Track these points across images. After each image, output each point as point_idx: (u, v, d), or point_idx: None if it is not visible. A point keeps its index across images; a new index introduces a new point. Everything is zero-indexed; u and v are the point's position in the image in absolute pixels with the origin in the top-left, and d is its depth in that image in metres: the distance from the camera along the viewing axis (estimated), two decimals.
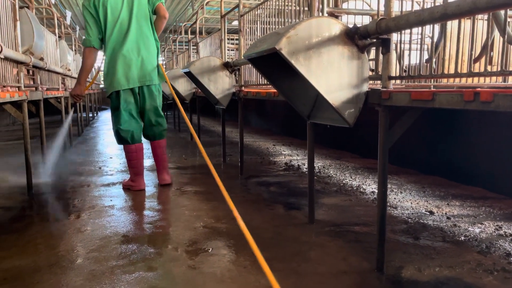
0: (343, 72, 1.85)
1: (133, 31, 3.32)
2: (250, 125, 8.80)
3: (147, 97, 3.43)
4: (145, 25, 3.38)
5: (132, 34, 3.32)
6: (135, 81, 3.35)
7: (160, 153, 3.57)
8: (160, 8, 3.39)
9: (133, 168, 3.46)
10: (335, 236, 2.34)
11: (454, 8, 1.28)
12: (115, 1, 3.31)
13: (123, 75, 3.32)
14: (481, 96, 1.28)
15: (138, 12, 3.35)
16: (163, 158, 3.58)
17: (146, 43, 3.38)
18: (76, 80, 3.53)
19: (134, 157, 3.45)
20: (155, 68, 3.44)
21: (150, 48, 3.40)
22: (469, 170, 3.53)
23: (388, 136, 1.80)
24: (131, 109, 3.42)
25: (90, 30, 3.32)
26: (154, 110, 3.49)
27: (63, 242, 2.28)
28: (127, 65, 3.31)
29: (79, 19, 13.89)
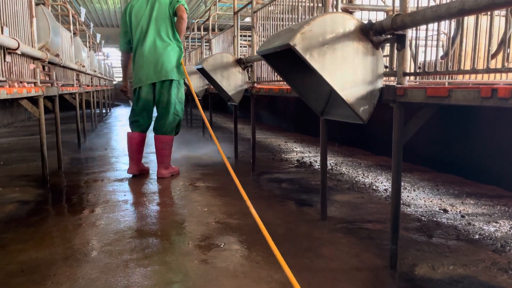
0: (357, 68, 1.84)
1: (151, 33, 3.62)
2: (262, 122, 8.80)
3: (160, 92, 3.69)
4: (163, 26, 3.63)
5: (150, 35, 3.62)
6: (152, 78, 3.65)
7: (158, 147, 3.74)
8: (178, 10, 3.58)
9: (128, 153, 3.84)
10: (348, 233, 2.34)
11: (472, 3, 1.26)
12: (140, 6, 3.67)
13: (142, 74, 3.69)
14: (499, 92, 1.26)
15: (157, 15, 3.61)
16: (160, 153, 3.73)
17: (163, 43, 3.62)
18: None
19: (128, 142, 3.81)
20: (171, 65, 3.64)
21: (167, 48, 3.63)
22: (484, 168, 3.48)
23: (402, 133, 1.78)
24: (144, 104, 3.75)
25: (121, 36, 3.80)
26: (168, 104, 3.69)
27: (78, 235, 2.32)
28: (145, 64, 3.65)
29: (93, 16, 14.04)
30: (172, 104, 3.69)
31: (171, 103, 3.69)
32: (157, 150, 3.75)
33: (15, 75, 2.78)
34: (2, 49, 2.53)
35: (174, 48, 3.66)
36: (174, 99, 3.69)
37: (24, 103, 3.21)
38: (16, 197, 3.12)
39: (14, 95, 2.67)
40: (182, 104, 3.82)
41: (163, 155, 3.73)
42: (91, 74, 7.13)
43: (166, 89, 3.67)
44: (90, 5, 12.23)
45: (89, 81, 7.29)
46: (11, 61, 2.69)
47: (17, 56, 2.84)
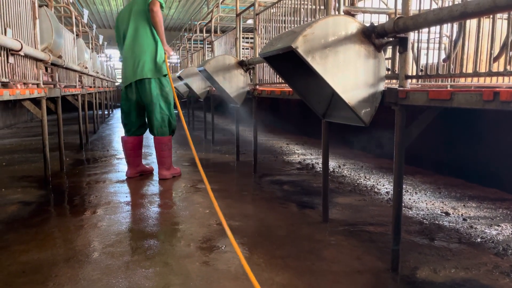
0: (359, 71, 1.84)
1: (130, 32, 3.64)
2: (264, 124, 8.81)
3: (140, 92, 3.70)
4: (141, 24, 3.62)
5: (129, 35, 3.65)
6: (131, 77, 3.67)
7: (157, 149, 3.76)
8: (150, 4, 3.51)
9: (124, 156, 3.88)
10: (349, 235, 2.34)
11: (474, 7, 1.26)
12: (124, 10, 3.73)
13: (124, 75, 3.75)
14: (501, 95, 1.26)
15: (134, 13, 3.63)
16: (160, 154, 3.75)
17: (140, 41, 3.62)
18: None
19: (123, 147, 3.84)
20: (148, 64, 3.61)
21: (144, 45, 3.61)
22: (486, 171, 3.48)
23: (404, 136, 1.78)
24: (129, 105, 3.79)
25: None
26: (153, 105, 3.68)
27: (80, 236, 2.32)
28: (125, 65, 3.70)
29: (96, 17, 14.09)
30: (155, 103, 3.67)
31: (154, 102, 3.66)
32: (157, 152, 3.77)
33: (18, 76, 2.79)
34: (5, 50, 2.54)
35: (150, 46, 3.62)
36: (156, 97, 3.66)
37: (27, 104, 3.22)
38: (18, 198, 3.13)
39: (17, 96, 2.68)
40: (169, 103, 3.76)
41: (162, 156, 3.74)
42: (94, 75, 7.15)
43: (146, 89, 3.64)
44: (93, 6, 12.27)
45: (92, 82, 7.31)
46: (14, 62, 2.70)
47: (20, 57, 2.85)
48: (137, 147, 3.84)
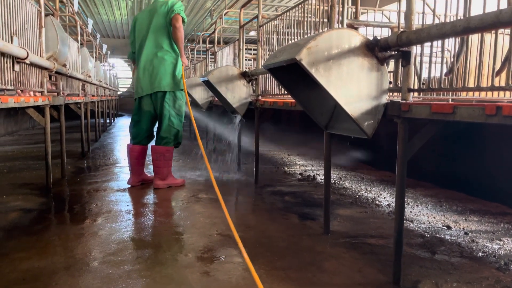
0: (362, 83, 1.86)
1: (149, 44, 3.70)
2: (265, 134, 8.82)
3: (156, 104, 3.76)
4: (160, 37, 3.69)
5: (147, 47, 3.70)
6: (147, 89, 3.73)
7: (153, 158, 3.77)
8: (172, 19, 3.61)
9: (128, 164, 3.93)
10: (351, 248, 2.33)
11: (477, 22, 1.28)
12: (142, 18, 3.78)
13: (139, 85, 3.78)
14: (504, 110, 1.27)
15: (155, 26, 3.68)
16: (155, 163, 3.76)
17: (160, 54, 3.68)
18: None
19: (128, 155, 3.88)
20: (166, 77, 3.67)
21: (164, 59, 3.68)
22: (488, 185, 3.47)
23: (406, 149, 1.79)
24: (141, 115, 3.82)
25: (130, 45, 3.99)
26: (163, 116, 3.74)
27: (80, 245, 2.31)
28: (142, 75, 3.73)
29: (100, 27, 14.21)
30: (165, 116, 3.71)
31: (165, 114, 3.71)
32: (152, 161, 3.79)
33: (22, 84, 2.81)
34: (11, 58, 2.57)
35: (170, 59, 3.69)
36: (168, 110, 3.71)
37: (31, 112, 3.24)
38: (19, 205, 3.13)
39: (21, 104, 2.70)
40: (181, 116, 3.81)
41: (157, 165, 3.74)
42: (97, 84, 7.19)
43: (160, 101, 3.72)
44: (97, 16, 12.39)
45: (95, 91, 7.35)
46: (19, 70, 2.72)
47: (25, 65, 2.88)
48: (141, 156, 3.85)
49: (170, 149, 3.78)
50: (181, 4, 3.68)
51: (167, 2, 3.67)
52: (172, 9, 3.60)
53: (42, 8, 3.28)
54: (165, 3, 3.67)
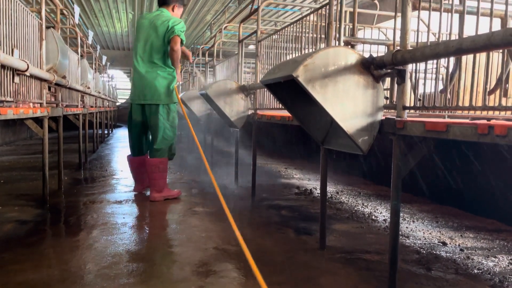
0: (358, 100, 1.89)
1: (146, 56, 3.72)
2: (263, 147, 8.84)
3: (149, 115, 3.77)
4: (157, 52, 3.71)
5: (144, 58, 3.73)
6: (140, 99, 3.77)
7: (148, 170, 3.78)
8: (171, 40, 3.64)
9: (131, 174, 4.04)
10: (346, 263, 2.33)
11: (469, 43, 1.31)
12: (144, 25, 3.77)
13: (133, 93, 3.83)
14: (495, 129, 1.29)
15: (153, 41, 3.70)
16: (151, 176, 3.76)
17: (154, 69, 3.70)
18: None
19: (129, 166, 3.99)
20: (159, 90, 3.69)
21: (158, 73, 3.70)
22: (484, 201, 3.49)
23: (402, 165, 1.81)
24: (135, 125, 3.87)
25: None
26: (158, 128, 3.74)
27: (75, 257, 2.31)
28: (137, 82, 3.77)
29: (100, 38, 14.31)
30: (160, 128, 3.73)
31: (159, 127, 3.72)
32: (148, 173, 3.79)
33: (22, 95, 2.83)
34: (11, 70, 2.59)
35: (164, 74, 3.72)
36: (162, 123, 3.73)
37: (29, 123, 3.25)
38: (15, 217, 3.12)
39: (20, 115, 2.72)
40: (174, 128, 3.83)
41: (153, 178, 3.75)
42: (96, 95, 7.22)
43: (154, 113, 3.73)
44: (98, 28, 12.49)
45: (93, 102, 7.37)
46: (19, 82, 2.74)
47: (25, 77, 2.90)
48: (141, 166, 3.89)
49: (164, 160, 3.78)
50: (183, 26, 3.69)
51: (168, 20, 3.66)
52: (172, 29, 3.61)
53: (43, 21, 3.32)
54: (167, 20, 3.67)
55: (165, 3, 3.82)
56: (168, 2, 3.81)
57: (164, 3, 3.82)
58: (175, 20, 3.68)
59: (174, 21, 3.66)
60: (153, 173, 3.73)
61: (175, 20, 3.68)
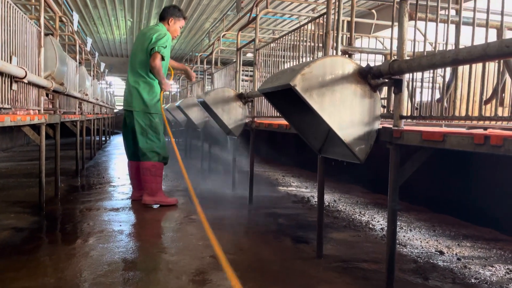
0: (355, 109, 1.90)
1: (132, 66, 3.85)
2: (260, 155, 8.84)
3: (133, 120, 3.84)
4: (141, 64, 3.79)
5: (131, 68, 3.86)
6: (125, 105, 3.91)
7: (140, 173, 3.84)
8: (151, 56, 3.69)
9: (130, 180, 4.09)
10: (343, 272, 2.32)
11: (465, 54, 1.32)
12: (138, 37, 3.95)
13: (123, 98, 3.98)
14: (491, 140, 1.30)
15: (138, 52, 3.80)
16: (143, 179, 3.81)
17: (137, 78, 3.80)
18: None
19: (128, 171, 4.04)
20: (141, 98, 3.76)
21: (140, 83, 3.78)
22: (481, 210, 3.49)
23: (398, 174, 1.81)
24: (126, 129, 3.96)
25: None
26: (138, 134, 3.81)
27: (71, 265, 2.29)
28: (125, 90, 3.96)
29: (98, 45, 14.35)
30: (143, 133, 3.78)
31: (140, 133, 3.77)
32: (141, 176, 3.83)
33: (20, 102, 2.83)
34: (9, 77, 2.59)
35: (146, 84, 3.77)
36: (145, 128, 3.78)
37: (26, 130, 3.25)
38: (11, 224, 3.10)
39: (18, 122, 2.71)
40: (158, 134, 3.83)
41: (145, 181, 3.78)
42: (94, 102, 7.22)
43: (136, 119, 3.79)
44: (96, 35, 12.53)
45: (91, 109, 7.37)
46: (17, 89, 2.74)
47: (23, 84, 2.90)
48: (138, 171, 3.90)
49: (156, 164, 3.78)
50: (165, 40, 3.69)
51: (154, 33, 3.71)
52: (153, 45, 3.63)
53: (42, 28, 3.33)
54: (153, 33, 3.71)
55: (161, 18, 3.94)
56: (164, 17, 3.91)
57: (161, 18, 3.95)
58: (160, 33, 3.70)
59: (158, 34, 3.69)
60: (144, 176, 3.78)
61: (159, 34, 3.70)
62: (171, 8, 3.97)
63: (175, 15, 3.90)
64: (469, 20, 1.70)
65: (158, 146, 3.83)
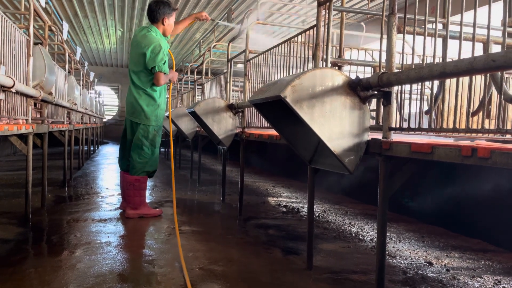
0: (345, 121, 1.91)
1: (130, 76, 3.77)
2: (251, 165, 8.83)
3: (132, 131, 3.81)
4: (136, 76, 3.71)
5: (130, 77, 3.77)
6: (126, 113, 3.87)
7: (124, 186, 3.80)
8: (154, 76, 3.66)
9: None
10: (333, 284, 2.31)
11: (453, 68, 1.34)
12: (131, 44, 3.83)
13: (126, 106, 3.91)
14: (479, 152, 1.32)
15: (133, 64, 3.73)
16: (126, 193, 3.77)
17: (137, 89, 3.73)
18: None
19: (120, 181, 3.96)
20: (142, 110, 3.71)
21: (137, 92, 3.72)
22: (469, 221, 3.52)
23: (388, 186, 1.82)
24: (123, 137, 3.93)
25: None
26: (133, 144, 3.76)
27: (57, 278, 2.25)
28: (126, 99, 3.88)
29: (88, 55, 14.30)
30: (138, 144, 3.72)
31: (138, 144, 3.71)
32: (124, 189, 3.79)
33: (7, 112, 2.80)
34: None
35: (143, 96, 3.69)
36: (141, 141, 3.71)
37: (13, 140, 3.20)
38: None
39: (5, 132, 2.67)
40: (154, 147, 3.78)
41: (128, 194, 3.74)
42: (82, 112, 7.17)
43: (134, 129, 3.76)
44: (86, 44, 12.49)
45: (80, 118, 7.31)
46: (4, 99, 2.71)
47: (11, 94, 2.87)
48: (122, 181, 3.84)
49: (140, 179, 3.74)
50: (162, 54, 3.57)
51: (147, 47, 3.55)
52: (153, 65, 3.55)
53: (31, 38, 3.31)
54: (145, 47, 3.56)
55: (153, 20, 3.74)
56: (156, 19, 3.71)
57: (152, 21, 3.74)
58: (155, 47, 3.55)
59: (153, 48, 3.54)
60: (127, 189, 3.73)
61: (154, 47, 3.55)
62: (160, 6, 3.67)
63: (166, 13, 3.71)
64: (456, 34, 1.73)
65: (149, 162, 3.77)
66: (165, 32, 3.80)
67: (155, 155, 3.82)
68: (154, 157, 3.81)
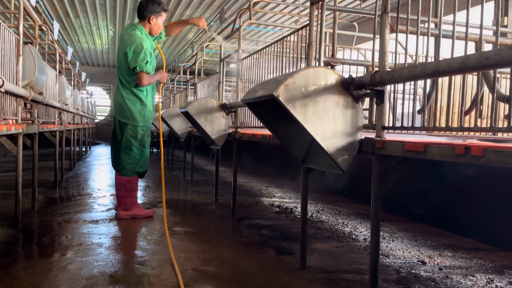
0: (338, 120, 1.90)
1: (118, 75, 3.73)
2: (244, 165, 8.81)
3: (120, 131, 3.77)
4: (123, 75, 3.67)
5: (118, 77, 3.73)
6: (115, 113, 3.81)
7: (116, 187, 3.77)
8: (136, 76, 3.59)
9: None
10: (327, 284, 2.31)
11: (446, 66, 1.34)
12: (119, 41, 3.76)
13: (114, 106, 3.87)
14: (472, 150, 1.32)
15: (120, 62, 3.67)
16: (118, 194, 3.74)
17: (125, 89, 3.68)
18: None
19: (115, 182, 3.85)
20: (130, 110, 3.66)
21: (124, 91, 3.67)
22: (461, 220, 3.54)
23: (381, 185, 1.82)
24: (113, 141, 3.87)
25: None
26: (122, 145, 3.72)
27: (47, 280, 2.22)
28: (114, 99, 3.85)
29: (80, 55, 14.18)
30: (127, 145, 3.68)
31: (127, 145, 3.67)
32: (116, 190, 3.77)
33: None
34: None
35: (130, 96, 3.65)
36: (130, 141, 3.67)
37: (3, 140, 3.16)
38: None
39: None
40: (143, 147, 3.73)
41: (119, 195, 3.71)
42: (74, 112, 7.10)
43: (123, 129, 3.72)
44: (77, 44, 12.39)
45: (71, 119, 7.24)
46: None
47: (0, 93, 2.83)
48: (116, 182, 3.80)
49: (131, 179, 3.71)
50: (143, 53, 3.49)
51: (130, 46, 3.49)
52: (135, 64, 3.49)
53: (21, 37, 3.26)
54: (128, 46, 3.50)
55: (140, 17, 3.66)
56: (143, 15, 3.62)
57: (140, 18, 3.66)
58: (137, 46, 3.47)
59: (135, 47, 3.47)
60: (119, 191, 3.70)
61: (136, 46, 3.47)
62: (149, 4, 3.57)
63: (155, 11, 3.59)
64: (448, 33, 1.73)
65: (140, 163, 3.73)
66: (152, 31, 3.68)
67: (144, 155, 3.77)
68: (144, 157, 3.77)
